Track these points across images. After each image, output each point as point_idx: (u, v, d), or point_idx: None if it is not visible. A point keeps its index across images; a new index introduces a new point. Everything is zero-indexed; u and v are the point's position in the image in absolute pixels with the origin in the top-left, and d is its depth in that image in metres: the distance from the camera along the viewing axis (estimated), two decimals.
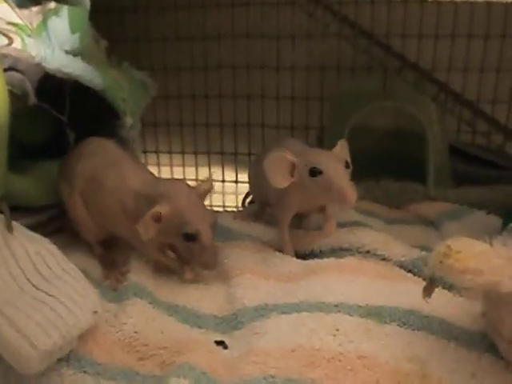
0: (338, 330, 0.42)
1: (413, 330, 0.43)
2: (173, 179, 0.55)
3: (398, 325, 0.43)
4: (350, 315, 0.44)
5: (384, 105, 0.74)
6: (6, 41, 0.46)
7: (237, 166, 0.98)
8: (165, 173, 1.01)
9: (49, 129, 0.64)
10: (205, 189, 0.53)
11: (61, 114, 0.62)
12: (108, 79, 0.59)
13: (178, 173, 1.01)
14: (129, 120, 0.62)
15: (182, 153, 1.00)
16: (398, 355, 0.40)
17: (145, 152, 1.01)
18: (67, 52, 0.54)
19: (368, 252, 0.57)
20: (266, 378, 0.37)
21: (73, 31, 0.53)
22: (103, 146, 0.56)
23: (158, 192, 0.50)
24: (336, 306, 0.46)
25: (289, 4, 0.87)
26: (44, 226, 0.60)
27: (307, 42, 0.89)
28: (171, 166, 1.02)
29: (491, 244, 0.36)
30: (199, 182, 0.54)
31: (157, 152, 1.02)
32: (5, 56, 0.51)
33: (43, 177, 0.62)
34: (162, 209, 0.48)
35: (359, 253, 0.57)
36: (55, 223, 0.62)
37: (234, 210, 0.94)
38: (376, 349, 0.40)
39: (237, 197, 1.00)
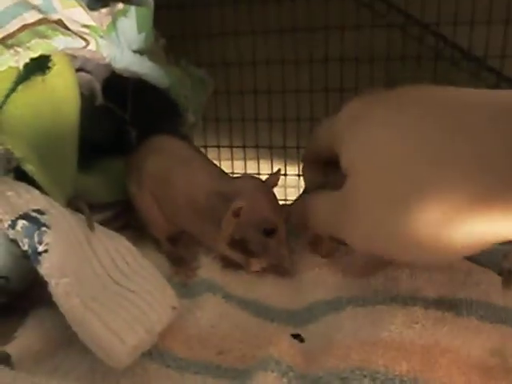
0: (416, 322, 0.42)
1: (491, 322, 0.43)
2: (245, 175, 0.55)
3: (476, 318, 0.43)
4: (426, 308, 0.44)
5: None
6: (83, 43, 0.47)
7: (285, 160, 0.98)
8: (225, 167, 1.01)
9: (111, 127, 0.65)
10: (273, 183, 0.54)
11: (123, 113, 0.63)
12: (172, 77, 0.59)
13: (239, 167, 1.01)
14: (191, 117, 0.63)
15: (244, 147, 1.01)
16: (480, 348, 0.40)
17: (205, 147, 1.01)
18: (134, 51, 0.54)
19: None
20: (353, 371, 0.37)
21: (139, 31, 0.54)
22: (171, 144, 0.57)
23: (232, 189, 0.51)
24: (410, 298, 0.46)
25: None
26: (110, 223, 0.61)
27: (356, 33, 0.88)
28: (232, 159, 1.02)
29: None
30: (267, 177, 0.54)
31: (218, 147, 1.02)
32: (75, 57, 0.52)
33: (107, 174, 0.63)
34: (241, 204, 0.49)
35: None
36: (120, 220, 0.63)
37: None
38: (457, 342, 0.40)
39: (285, 189, 1.00)
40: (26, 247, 0.41)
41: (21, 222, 0.41)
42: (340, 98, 0.92)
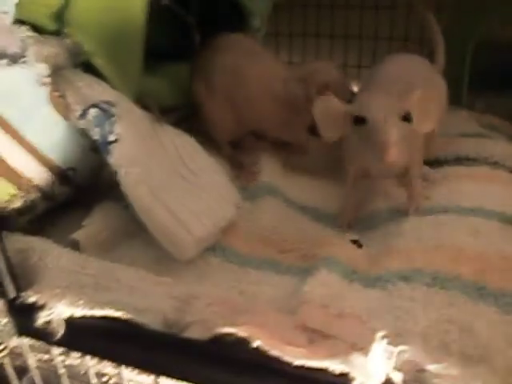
0: (478, 231, 0.42)
1: None
2: (312, 60, 0.56)
3: None
4: (488, 219, 0.44)
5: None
6: None
7: None
8: None
9: (175, 31, 0.65)
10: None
11: (187, 15, 0.62)
12: None
13: None
14: (256, 22, 0.61)
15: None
16: None
17: None
18: None
19: (496, 163, 0.55)
20: (414, 271, 0.38)
21: None
22: (238, 40, 0.57)
23: (307, 72, 0.52)
24: (472, 210, 0.45)
25: None
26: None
27: None
28: None
29: None
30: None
31: None
32: None
33: (171, 78, 0.62)
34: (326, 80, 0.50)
35: (487, 163, 0.55)
36: (183, 125, 0.63)
37: None
38: None
39: None
40: (96, 136, 0.42)
41: (92, 111, 0.41)
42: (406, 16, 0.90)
